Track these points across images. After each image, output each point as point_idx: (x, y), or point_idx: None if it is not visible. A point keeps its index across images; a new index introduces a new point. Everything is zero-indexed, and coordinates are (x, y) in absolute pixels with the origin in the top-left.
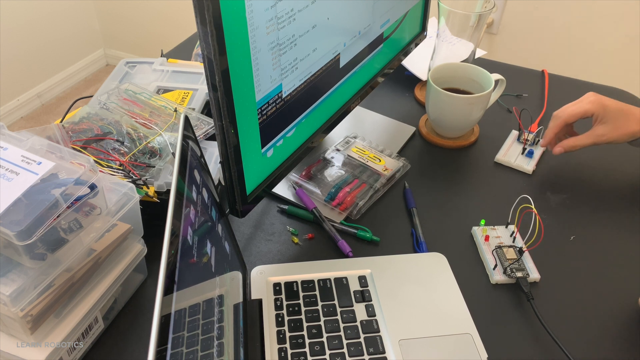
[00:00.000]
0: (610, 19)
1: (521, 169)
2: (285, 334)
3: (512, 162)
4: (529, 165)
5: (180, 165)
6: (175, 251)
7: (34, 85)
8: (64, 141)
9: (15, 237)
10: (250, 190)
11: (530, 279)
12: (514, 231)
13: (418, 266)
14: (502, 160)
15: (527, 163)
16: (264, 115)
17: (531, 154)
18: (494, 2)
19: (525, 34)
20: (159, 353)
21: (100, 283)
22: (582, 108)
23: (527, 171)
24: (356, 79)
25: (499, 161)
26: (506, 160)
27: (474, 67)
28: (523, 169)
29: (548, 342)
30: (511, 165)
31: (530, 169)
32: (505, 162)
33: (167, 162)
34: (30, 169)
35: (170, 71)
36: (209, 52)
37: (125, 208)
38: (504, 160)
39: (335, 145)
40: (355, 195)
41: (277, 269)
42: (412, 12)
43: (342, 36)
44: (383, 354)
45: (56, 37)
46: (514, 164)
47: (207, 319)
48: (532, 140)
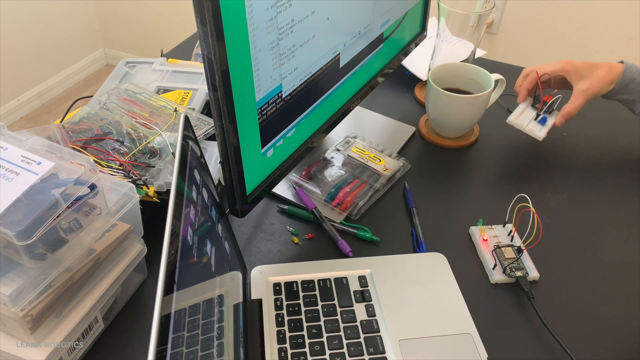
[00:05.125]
0: (610, 19)
1: (532, 133)
2: (285, 334)
3: (524, 125)
4: (540, 131)
5: (180, 165)
6: (175, 251)
7: (34, 85)
8: (64, 141)
9: (15, 237)
10: (250, 190)
11: (529, 277)
12: (512, 230)
13: (418, 266)
14: (515, 122)
15: (539, 129)
16: (264, 115)
17: (544, 121)
18: (494, 2)
19: (525, 34)
20: (159, 353)
21: (100, 283)
22: (553, 67)
23: (538, 137)
24: (356, 79)
25: (511, 123)
26: (519, 122)
27: (474, 67)
28: (535, 135)
29: (548, 341)
30: (523, 128)
31: (542, 135)
32: (517, 124)
33: (167, 162)
34: (30, 169)
35: (170, 71)
36: (209, 52)
37: (125, 208)
38: (516, 122)
39: (335, 145)
40: (355, 195)
41: (277, 269)
42: (412, 12)
43: (342, 36)
44: (383, 354)
45: (56, 37)
46: (526, 128)
47: (207, 319)
48: (547, 109)
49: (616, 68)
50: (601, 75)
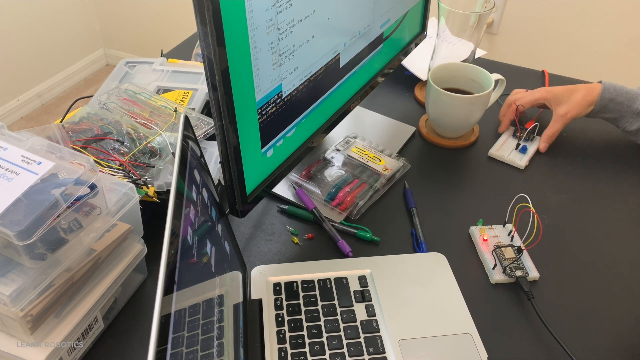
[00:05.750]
0: (610, 19)
1: (513, 163)
2: (285, 334)
3: (505, 156)
4: (521, 160)
5: (180, 165)
6: (175, 251)
7: (34, 85)
8: (64, 141)
9: (15, 237)
10: (250, 190)
11: (529, 277)
12: (512, 230)
13: (418, 266)
14: (495, 154)
15: (520, 158)
16: (264, 115)
17: (525, 150)
18: (494, 2)
19: (525, 34)
20: (159, 353)
21: (100, 283)
22: (532, 95)
23: (519, 166)
24: (356, 79)
25: (492, 155)
26: (499, 154)
27: (474, 67)
28: (515, 164)
29: (548, 341)
30: (504, 159)
31: (523, 164)
32: (498, 156)
33: (167, 162)
34: (30, 169)
35: (170, 71)
36: (209, 52)
37: (125, 208)
38: (497, 154)
39: (335, 145)
40: (355, 195)
41: (277, 269)
42: (412, 12)
43: (342, 36)
44: (383, 354)
45: (56, 37)
46: (507, 159)
47: (207, 319)
48: (526, 136)
49: (594, 90)
50: (579, 99)
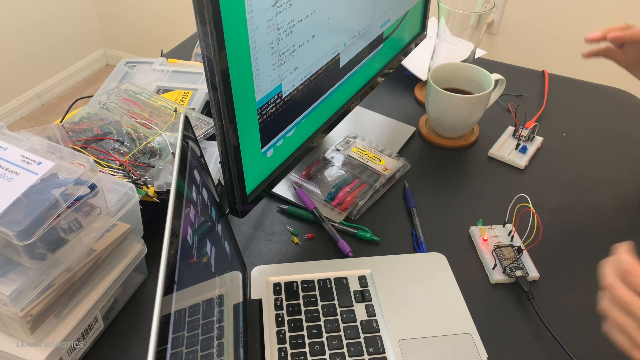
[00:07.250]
0: (610, 19)
1: (513, 163)
2: (285, 334)
3: (504, 156)
4: (521, 160)
5: (180, 165)
6: (175, 251)
7: (34, 85)
8: (64, 141)
9: (15, 237)
10: (250, 190)
11: (529, 277)
12: (512, 230)
13: (418, 266)
14: (495, 154)
15: (520, 158)
16: (264, 115)
17: (525, 150)
18: (494, 2)
19: (525, 34)
20: (159, 353)
21: (100, 283)
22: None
23: (519, 166)
24: (356, 79)
25: (492, 155)
26: (499, 154)
27: (474, 67)
28: (515, 164)
29: (548, 341)
30: (504, 159)
31: (523, 164)
32: (498, 156)
33: (167, 162)
34: (30, 169)
35: (170, 71)
36: (209, 52)
37: (125, 208)
38: (497, 154)
39: (335, 145)
40: (355, 195)
41: (277, 269)
42: (412, 12)
43: (342, 36)
44: (383, 354)
45: (56, 37)
46: (507, 159)
47: (207, 319)
48: (526, 136)
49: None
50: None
